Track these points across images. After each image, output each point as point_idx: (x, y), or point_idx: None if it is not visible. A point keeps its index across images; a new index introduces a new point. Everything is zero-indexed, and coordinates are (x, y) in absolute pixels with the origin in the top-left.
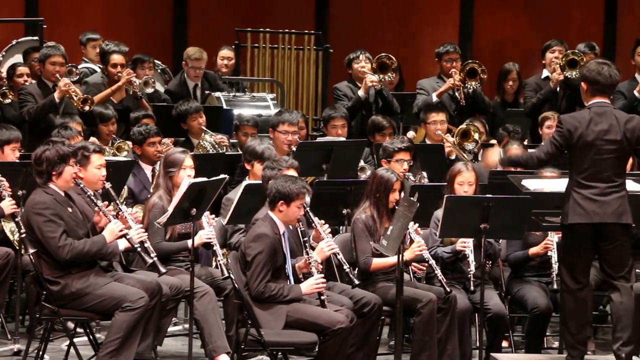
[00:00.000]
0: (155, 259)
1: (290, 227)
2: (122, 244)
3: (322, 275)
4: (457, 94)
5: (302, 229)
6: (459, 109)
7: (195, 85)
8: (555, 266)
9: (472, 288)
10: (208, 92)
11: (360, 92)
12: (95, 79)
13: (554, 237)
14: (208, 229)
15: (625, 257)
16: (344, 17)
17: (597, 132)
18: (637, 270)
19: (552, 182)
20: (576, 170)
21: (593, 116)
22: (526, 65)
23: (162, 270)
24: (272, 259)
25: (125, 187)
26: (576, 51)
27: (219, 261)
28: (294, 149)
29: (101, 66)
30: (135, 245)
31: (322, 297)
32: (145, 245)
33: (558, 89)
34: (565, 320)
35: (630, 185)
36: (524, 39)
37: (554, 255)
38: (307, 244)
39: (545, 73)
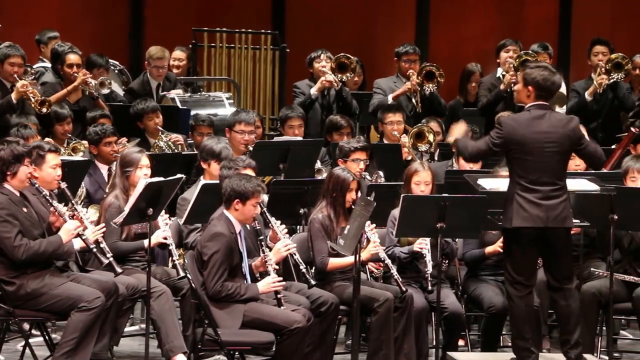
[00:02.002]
0: (112, 259)
1: (247, 226)
2: (78, 244)
3: (279, 274)
4: (413, 100)
5: (258, 227)
6: (415, 109)
7: (157, 84)
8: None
9: (429, 287)
10: (163, 93)
11: (313, 90)
12: (49, 78)
13: None
14: (164, 228)
15: (569, 260)
16: (301, 17)
17: (537, 134)
18: (591, 269)
19: (507, 182)
20: (518, 173)
21: (533, 118)
22: (482, 65)
23: (118, 270)
24: (228, 258)
25: (84, 187)
26: (529, 52)
27: (175, 261)
28: (250, 148)
29: (56, 66)
30: (91, 246)
31: (279, 297)
32: (101, 245)
33: (513, 88)
34: (516, 327)
35: (585, 185)
36: (480, 38)
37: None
38: (263, 243)
39: (500, 72)
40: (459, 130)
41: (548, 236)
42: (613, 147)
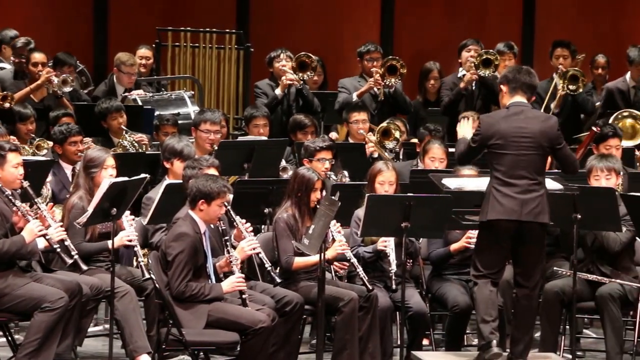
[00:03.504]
0: (77, 257)
1: (212, 225)
2: (41, 243)
3: (243, 274)
4: (377, 90)
5: (223, 227)
6: (379, 108)
7: (125, 90)
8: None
9: (393, 286)
10: (125, 94)
11: (277, 91)
12: (7, 77)
13: (475, 232)
14: (129, 229)
15: (539, 259)
16: (265, 16)
17: (514, 130)
18: (554, 268)
19: (471, 181)
20: (496, 169)
21: (510, 115)
22: (447, 64)
23: (84, 267)
24: (192, 258)
25: (49, 186)
26: (490, 51)
27: (139, 262)
28: (215, 147)
29: (17, 60)
30: (55, 246)
31: (244, 296)
32: (66, 243)
33: (473, 88)
34: (480, 310)
35: (549, 184)
36: (444, 37)
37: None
38: (228, 243)
39: (462, 72)
40: (464, 129)
41: (522, 230)
42: (573, 147)
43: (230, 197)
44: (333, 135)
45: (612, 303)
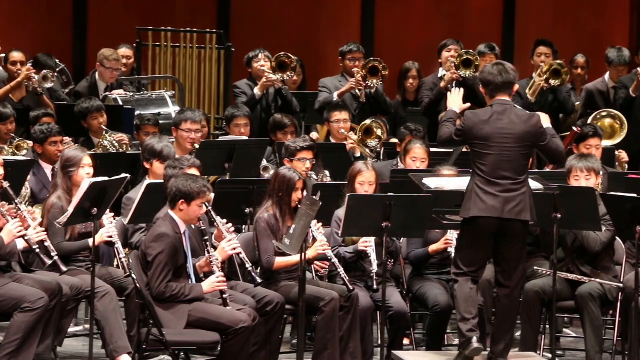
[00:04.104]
0: (56, 257)
1: (192, 226)
2: (21, 244)
3: (223, 274)
4: (358, 92)
5: (203, 227)
6: (360, 108)
7: (106, 87)
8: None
9: (374, 286)
10: (105, 93)
11: (256, 91)
12: None
13: (453, 234)
14: (109, 226)
15: (520, 258)
16: (246, 16)
17: (497, 129)
18: (534, 268)
19: (452, 181)
20: (478, 167)
21: (494, 114)
22: (427, 65)
23: (63, 268)
24: (173, 258)
25: (28, 187)
26: (470, 51)
27: (120, 258)
28: (196, 147)
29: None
30: (34, 247)
31: (225, 296)
32: (46, 244)
33: (453, 87)
34: (460, 308)
35: (530, 184)
36: (425, 37)
37: (454, 252)
38: (208, 243)
39: (442, 72)
40: (454, 100)
41: (504, 229)
42: None
43: (212, 197)
44: (314, 135)
45: (592, 302)
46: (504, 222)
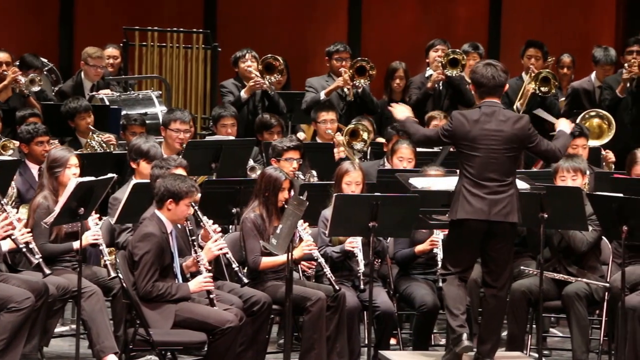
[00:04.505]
0: (40, 260)
1: (179, 225)
2: (6, 245)
3: (211, 274)
4: (346, 90)
5: (190, 227)
6: (347, 108)
7: (92, 86)
8: (440, 263)
9: (361, 286)
10: (92, 93)
11: (243, 94)
12: None
13: (439, 235)
14: (94, 228)
15: (508, 259)
16: (233, 16)
17: (485, 130)
18: (521, 267)
19: (439, 181)
20: (466, 169)
21: (482, 115)
22: (415, 65)
23: (47, 271)
24: (159, 258)
25: (15, 187)
26: (457, 50)
27: (105, 261)
28: (183, 147)
29: None
30: (20, 246)
31: (212, 296)
32: (30, 246)
33: (441, 87)
34: (448, 305)
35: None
36: (412, 38)
37: (439, 253)
38: (195, 243)
39: (429, 72)
40: (402, 110)
41: (492, 230)
42: None
43: (198, 197)
44: (300, 135)
45: (579, 302)
46: (491, 224)
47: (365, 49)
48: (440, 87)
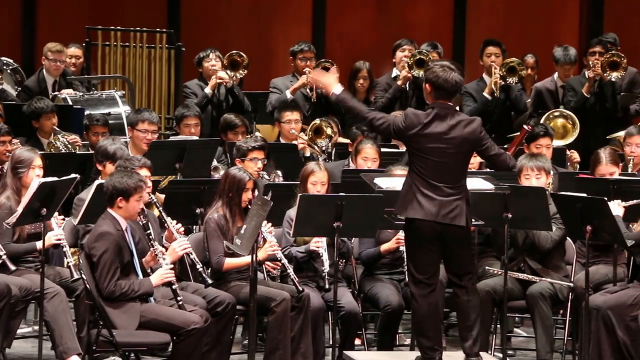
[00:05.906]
0: (5, 257)
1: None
2: None
3: (171, 265)
4: (308, 90)
5: (144, 221)
6: (312, 109)
7: (54, 82)
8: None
9: (326, 286)
10: (55, 92)
11: (207, 90)
12: None
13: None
14: (57, 230)
15: (468, 256)
16: (196, 15)
17: (436, 134)
18: (485, 267)
19: (403, 180)
20: (417, 169)
21: (434, 117)
22: (379, 64)
23: (12, 267)
24: (118, 256)
25: None
26: (423, 51)
27: (68, 262)
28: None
29: None
30: None
31: (179, 299)
32: None
33: (407, 88)
34: (420, 325)
35: (480, 184)
36: (376, 37)
37: (404, 250)
38: (150, 237)
39: (395, 72)
40: (331, 79)
41: (444, 233)
42: (505, 146)
43: (162, 197)
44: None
45: (543, 302)
46: (444, 227)
47: (329, 48)
48: (407, 88)
